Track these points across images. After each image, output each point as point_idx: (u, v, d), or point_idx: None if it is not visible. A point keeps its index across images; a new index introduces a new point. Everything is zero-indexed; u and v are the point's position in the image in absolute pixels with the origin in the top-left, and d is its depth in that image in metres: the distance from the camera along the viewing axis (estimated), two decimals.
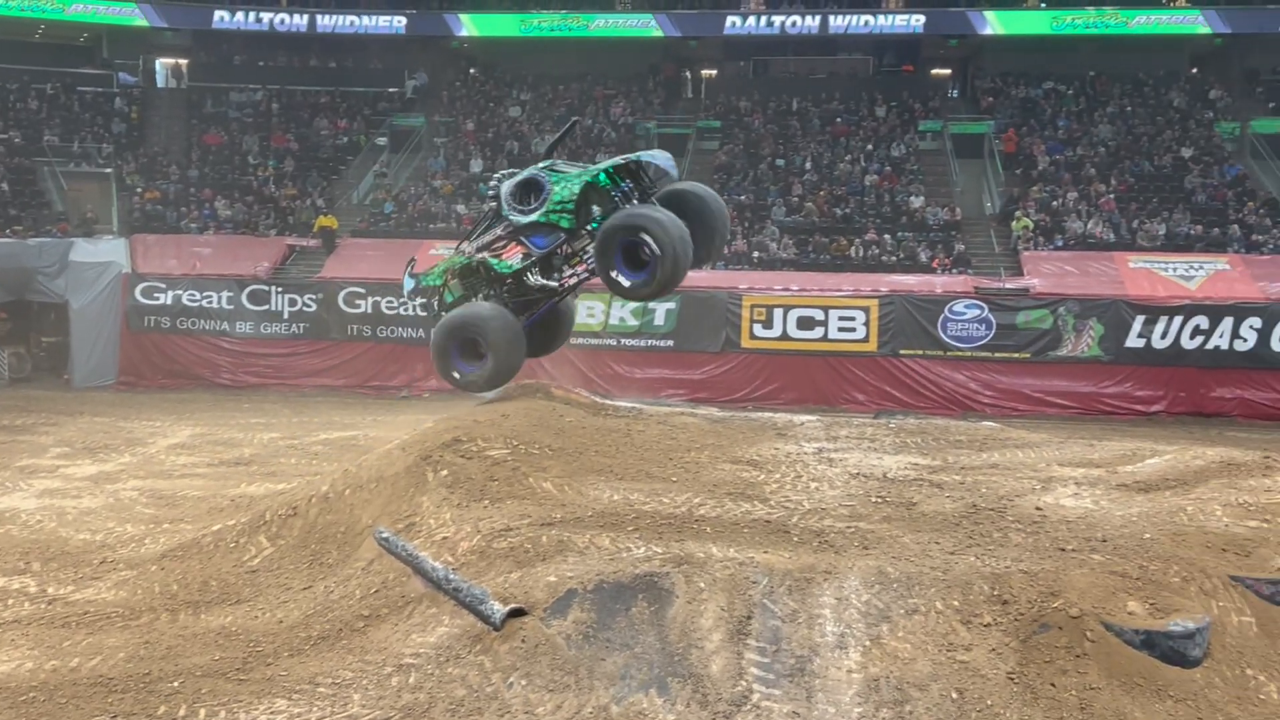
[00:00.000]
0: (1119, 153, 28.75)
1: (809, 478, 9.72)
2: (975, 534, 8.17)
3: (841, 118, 31.89)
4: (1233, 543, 8.13)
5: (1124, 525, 8.29)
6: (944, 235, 26.13)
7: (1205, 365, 21.13)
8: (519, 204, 11.68)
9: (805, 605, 6.90)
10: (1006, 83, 32.43)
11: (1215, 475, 10.00)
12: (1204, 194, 26.86)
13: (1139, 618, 6.85)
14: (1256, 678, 6.98)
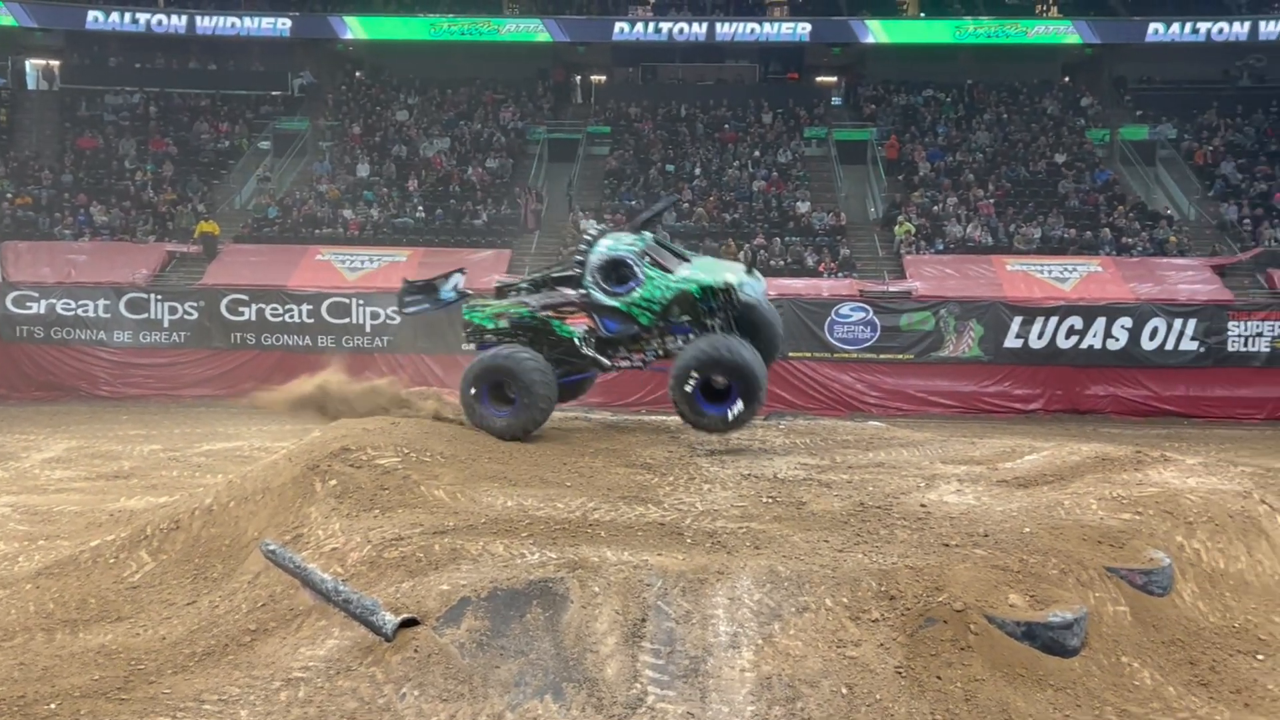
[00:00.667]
0: (996, 159, 29.64)
1: (702, 480, 9.81)
2: (863, 531, 8.34)
3: (729, 124, 32.26)
4: (1107, 535, 8.44)
5: (1004, 520, 8.53)
6: (830, 240, 26.61)
7: (1080, 364, 21.89)
8: (604, 282, 11.61)
9: (699, 606, 6.96)
10: (888, 90, 33.18)
11: (1090, 470, 10.37)
12: (1077, 199, 27.83)
13: (1020, 610, 7.06)
14: (1131, 664, 7.26)
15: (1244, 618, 8.34)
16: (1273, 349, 21.50)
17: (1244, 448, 18.49)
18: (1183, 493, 9.43)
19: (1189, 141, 30.11)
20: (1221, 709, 6.96)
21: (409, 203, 28.82)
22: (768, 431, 13.04)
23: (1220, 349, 21.61)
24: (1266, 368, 21.59)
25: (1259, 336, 21.67)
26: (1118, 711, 6.67)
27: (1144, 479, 9.86)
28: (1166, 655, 7.52)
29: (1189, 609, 8.15)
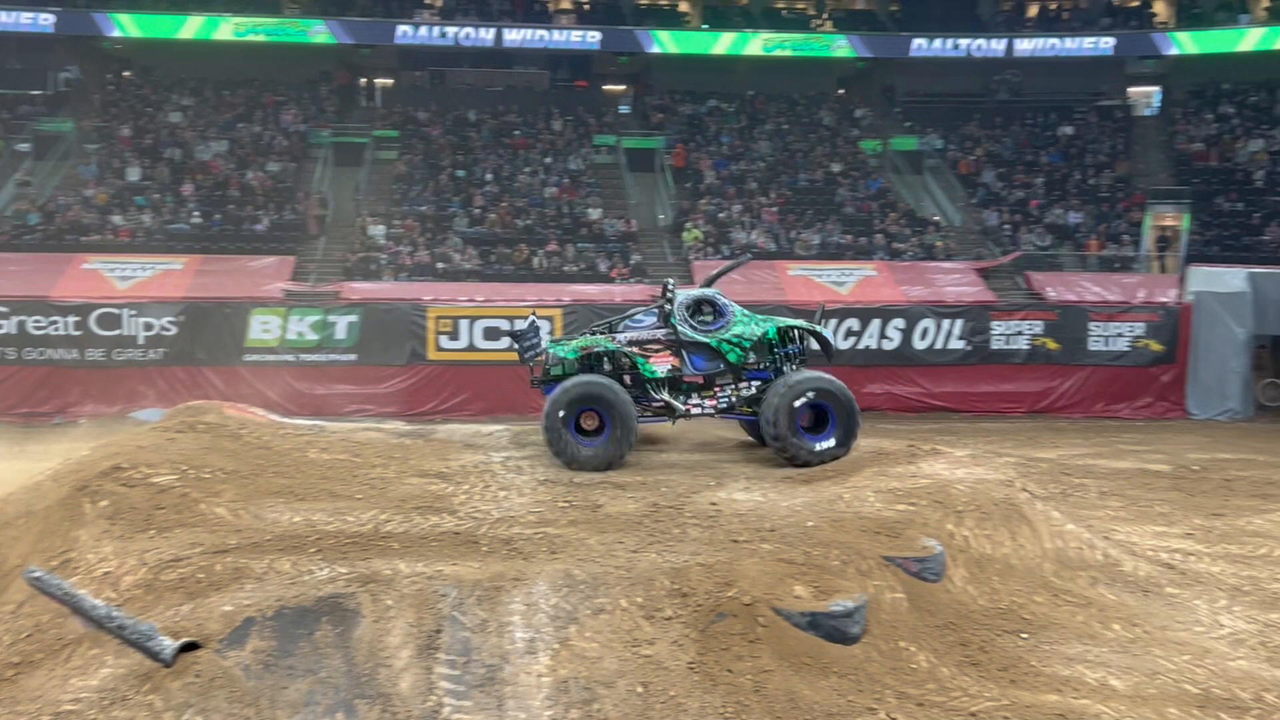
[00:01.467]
0: (777, 168, 30.67)
1: (497, 487, 9.78)
2: (656, 531, 8.49)
3: (519, 130, 32.24)
4: (885, 526, 8.86)
5: (789, 515, 8.86)
6: (621, 246, 26.94)
7: (858, 364, 22.82)
8: (693, 318, 11.79)
9: (495, 614, 6.93)
10: (674, 100, 33.87)
11: (868, 464, 10.86)
12: (852, 206, 29.09)
13: (805, 601, 7.35)
14: (908, 648, 7.65)
15: (1009, 599, 8.91)
16: (1031, 346, 23.01)
17: (1007, 439, 19.72)
18: (952, 483, 9.99)
19: (954, 152, 31.92)
20: (990, 686, 7.41)
21: (184, 208, 27.57)
22: None
23: (985, 347, 22.97)
24: (1026, 364, 23.06)
25: (1019, 335, 23.15)
26: (896, 694, 7.02)
27: (917, 471, 10.39)
28: (940, 638, 7.96)
29: (960, 593, 8.65)
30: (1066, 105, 33.46)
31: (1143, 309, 23.17)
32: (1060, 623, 8.72)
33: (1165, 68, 33.53)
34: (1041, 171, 30.96)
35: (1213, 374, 22.83)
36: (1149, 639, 8.64)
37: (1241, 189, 28.79)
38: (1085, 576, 9.73)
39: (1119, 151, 31.90)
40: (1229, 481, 15.91)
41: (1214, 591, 10.13)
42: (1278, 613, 9.62)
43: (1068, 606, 9.04)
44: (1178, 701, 7.42)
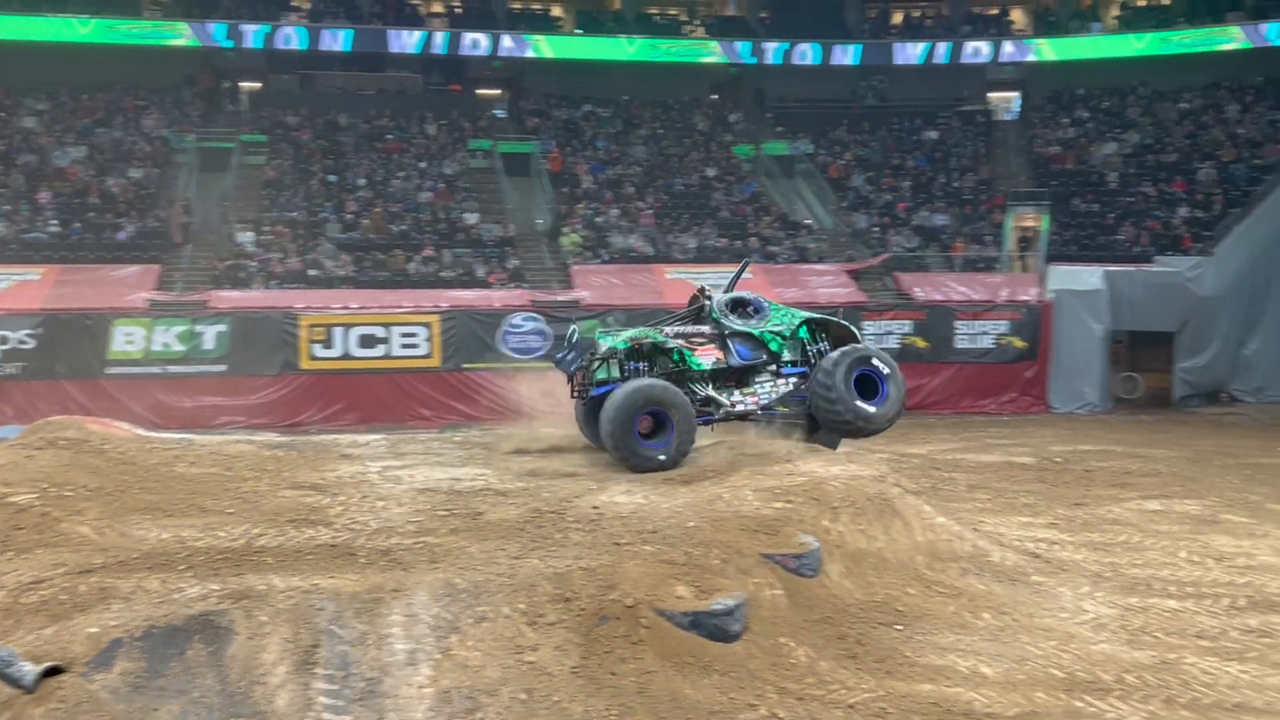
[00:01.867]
0: (653, 172, 30.89)
1: (375, 497, 9.63)
2: (538, 537, 8.46)
3: (393, 134, 31.81)
4: (763, 524, 9.00)
5: (671, 516, 8.92)
6: (499, 251, 26.80)
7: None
8: (734, 314, 12.06)
9: (374, 626, 6.82)
10: (549, 104, 33.84)
11: (746, 464, 11.01)
12: (727, 210, 29.47)
13: (687, 601, 7.41)
14: (788, 644, 7.78)
15: (884, 592, 9.13)
16: (901, 345, 23.63)
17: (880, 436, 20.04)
18: (828, 480, 10.20)
19: (824, 156, 32.59)
20: (867, 678, 7.58)
21: (41, 216, 26.46)
22: (444, 444, 12.99)
23: None
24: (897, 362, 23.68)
25: (889, 334, 23.76)
26: (777, 689, 7.13)
27: (794, 470, 10.56)
28: (819, 633, 8.12)
29: (837, 587, 8.84)
30: (930, 110, 34.45)
31: (1006, 307, 24.01)
32: (933, 613, 8.98)
33: (1024, 74, 34.80)
34: (908, 175, 31.81)
35: (1073, 369, 23.77)
36: (1017, 626, 8.94)
37: (1097, 190, 30.02)
38: (956, 567, 10.03)
39: (981, 155, 32.98)
40: (1089, 472, 16.59)
41: (1077, 578, 10.54)
42: (1136, 597, 10.06)
43: (939, 597, 9.30)
44: (1045, 686, 7.70)
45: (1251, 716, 7.36)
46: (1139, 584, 10.50)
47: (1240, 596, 10.13)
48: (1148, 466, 17.05)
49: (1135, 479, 16.11)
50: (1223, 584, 10.55)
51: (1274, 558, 11.61)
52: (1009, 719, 7.17)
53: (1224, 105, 31.56)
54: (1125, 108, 32.91)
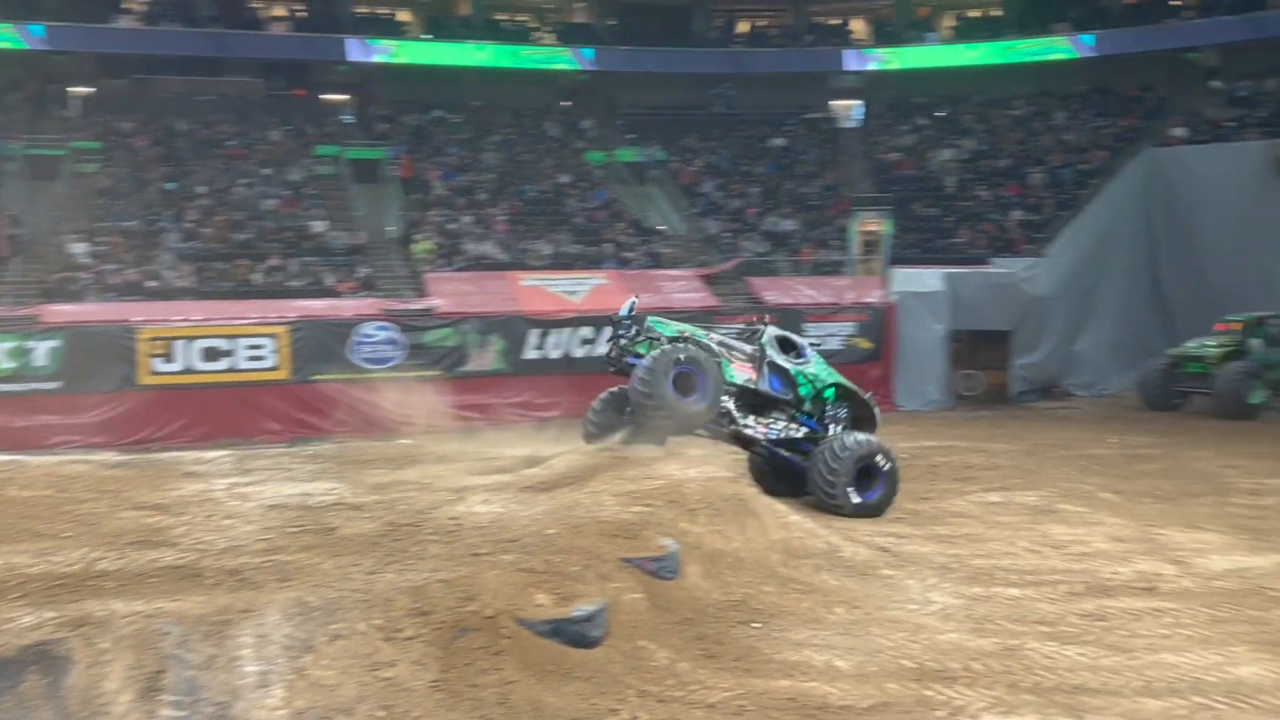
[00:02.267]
0: (506, 179, 30.74)
1: (222, 516, 9.34)
2: (395, 551, 8.32)
3: (234, 140, 30.87)
4: (622, 528, 9.05)
5: (530, 524, 8.89)
6: (348, 259, 26.27)
7: (593, 371, 23.18)
8: (779, 348, 13.34)
9: (223, 649, 6.59)
10: (399, 110, 33.35)
11: (605, 469, 11.06)
12: (581, 216, 29.54)
13: (547, 608, 7.39)
14: (648, 646, 7.83)
15: (741, 591, 9.29)
16: None
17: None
18: (685, 482, 10.32)
19: (675, 163, 32.94)
20: (726, 677, 7.69)
21: None
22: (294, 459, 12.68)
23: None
24: None
25: None
26: (638, 693, 7.17)
27: (652, 473, 10.66)
28: (678, 634, 8.20)
29: (695, 588, 8.94)
30: (777, 118, 35.18)
31: (852, 309, 24.68)
32: (788, 610, 9.16)
33: (865, 82, 35.82)
34: (757, 181, 32.40)
35: (917, 368, 24.57)
36: (869, 619, 9.20)
37: (935, 195, 31.11)
38: (810, 564, 10.26)
39: (826, 162, 33.81)
40: (934, 467, 17.16)
41: (924, 571, 10.90)
42: (980, 586, 10.45)
43: (795, 594, 9.51)
44: (896, 677, 7.93)
45: (1089, 697, 7.72)
46: (982, 574, 10.91)
47: (1077, 583, 10.62)
48: (989, 460, 17.73)
49: (977, 473, 16.73)
50: (1060, 571, 11.05)
51: (1107, 544, 12.22)
52: (863, 711, 7.36)
53: (1052, 113, 33.09)
54: (960, 115, 34.18)
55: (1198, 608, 9.82)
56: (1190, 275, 27.18)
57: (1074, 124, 32.29)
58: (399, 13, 35.48)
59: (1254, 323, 23.27)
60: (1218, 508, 14.22)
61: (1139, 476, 16.43)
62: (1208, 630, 9.22)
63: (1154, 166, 27.92)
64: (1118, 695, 7.74)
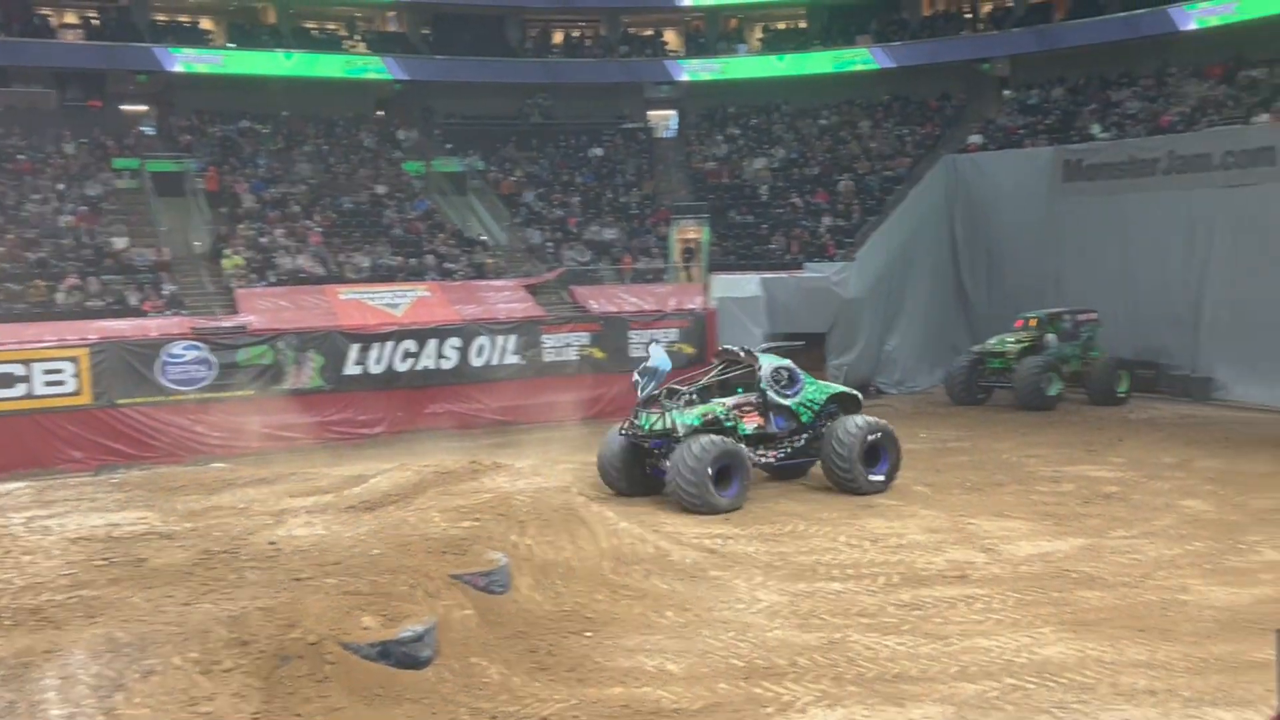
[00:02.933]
0: (320, 190, 29.95)
1: (20, 552, 8.79)
2: (210, 580, 8.00)
3: (25, 154, 29.12)
4: (451, 544, 8.93)
5: (354, 545, 8.68)
6: (153, 276, 25.11)
7: (418, 385, 22.86)
8: (777, 385, 15.39)
9: (24, 693, 6.21)
10: (203, 120, 32.11)
11: (432, 485, 10.91)
12: (400, 227, 29.03)
13: (374, 631, 7.22)
14: (480, 663, 7.74)
15: (573, 601, 9.30)
16: (580, 357, 24.16)
17: (565, 447, 20.52)
18: (514, 495, 10.27)
19: (495, 173, 32.75)
20: (560, 688, 7.68)
21: None
22: (98, 488, 12.06)
23: (538, 360, 23.82)
24: (577, 374, 24.19)
25: (568, 346, 24.24)
26: (470, 711, 7.08)
27: (480, 487, 10.57)
28: (511, 648, 8.14)
29: (527, 601, 8.91)
30: (595, 128, 35.41)
31: (675, 316, 25.05)
32: (620, 617, 9.22)
33: (679, 93, 36.41)
34: (577, 191, 32.53)
35: None
36: (699, 621, 9.34)
37: (750, 203, 31.84)
38: (640, 570, 10.35)
39: (644, 171, 34.21)
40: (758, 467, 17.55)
41: (751, 570, 11.14)
42: (804, 582, 10.75)
43: (626, 600, 9.57)
44: (727, 676, 8.07)
45: (909, 684, 8.02)
46: (806, 570, 11.23)
47: (894, 574, 11.05)
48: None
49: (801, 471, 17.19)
50: (879, 563, 11.47)
51: (921, 535, 12.75)
52: (695, 712, 7.46)
53: (858, 121, 34.32)
54: (771, 125, 35.12)
55: (1006, 592, 10.34)
56: (989, 275, 28.69)
57: (878, 132, 33.58)
58: (202, 20, 34.16)
59: (1049, 319, 24.69)
60: (1022, 496, 15.01)
61: (949, 469, 17.19)
62: (1016, 614, 9.72)
63: (953, 172, 29.30)
64: (935, 681, 8.07)
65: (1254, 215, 23.07)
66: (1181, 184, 24.66)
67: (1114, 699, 7.82)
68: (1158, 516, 13.60)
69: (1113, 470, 16.69)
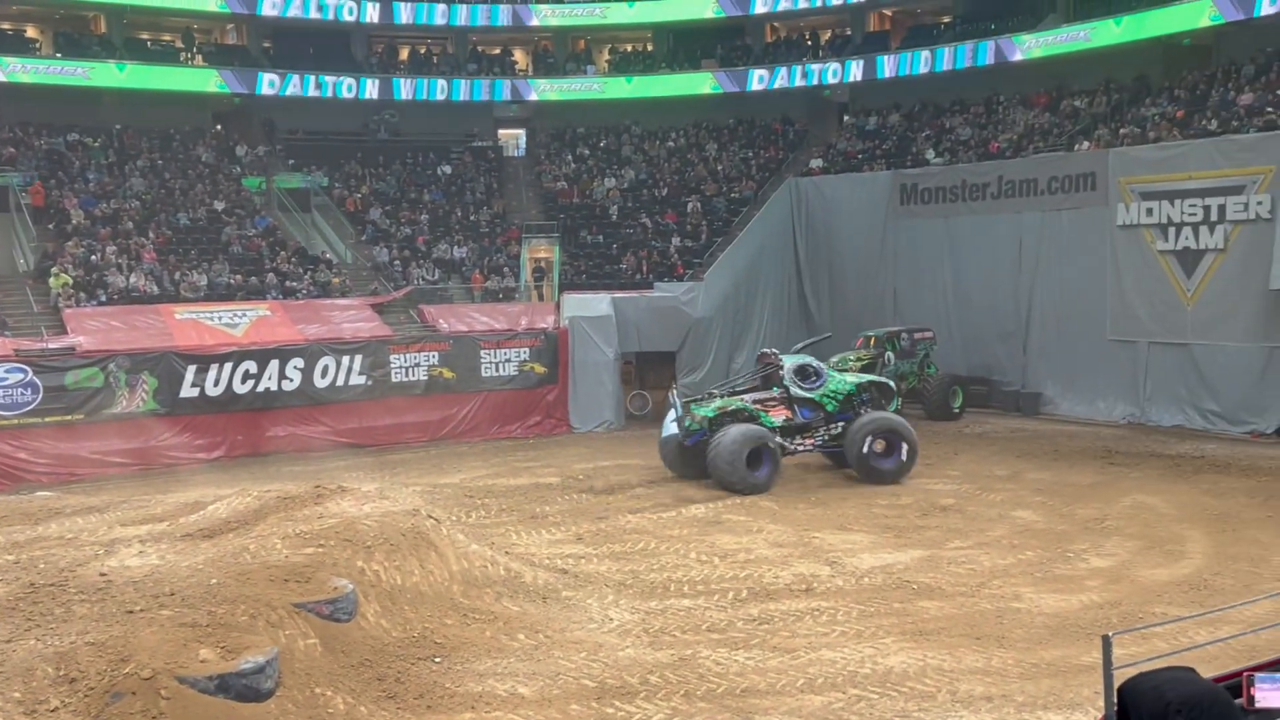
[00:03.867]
0: (155, 206, 28.85)
1: None
2: (35, 615, 7.60)
3: None
4: (294, 572, 8.68)
5: (191, 575, 8.36)
6: None
7: (259, 407, 22.17)
8: (800, 380, 17.71)
9: None
10: (28, 132, 30.58)
11: (273, 511, 10.58)
12: (240, 245, 28.17)
13: (212, 663, 6.96)
14: (325, 693, 7.54)
15: (422, 626, 9.13)
16: (429, 377, 23.83)
17: (413, 469, 20.23)
18: (360, 520, 10.04)
19: (340, 190, 32.09)
20: (408, 716, 7.54)
21: None
22: None
23: (385, 380, 23.39)
24: (426, 394, 23.84)
25: (417, 366, 23.88)
26: None
27: (324, 512, 10.31)
28: (357, 677, 7.95)
29: (374, 628, 8.71)
30: (443, 145, 35.07)
31: (526, 335, 24.97)
32: (471, 641, 9.11)
33: (528, 112, 36.39)
34: (425, 209, 32.14)
35: (589, 390, 25.17)
36: (550, 643, 9.30)
37: (600, 223, 32.00)
38: (491, 592, 10.25)
39: (494, 189, 34.04)
40: (610, 487, 17.63)
41: (603, 589, 11.16)
42: (656, 600, 10.82)
43: (477, 624, 9.46)
44: (578, 697, 8.05)
45: (757, 698, 8.15)
46: (657, 587, 11.31)
47: (743, 589, 11.22)
48: (658, 476, 18.41)
49: (649, 489, 17.34)
50: (728, 579, 11.63)
51: (769, 550, 12.98)
52: None
53: (704, 144, 34.89)
54: (620, 146, 35.40)
55: (851, 604, 10.62)
56: (831, 294, 29.55)
57: (724, 155, 34.20)
58: (28, 28, 32.55)
59: (887, 337, 25.52)
60: (864, 509, 15.45)
61: (793, 483, 17.57)
62: (860, 625, 9.99)
63: (796, 195, 30.08)
64: (783, 694, 8.22)
65: (1077, 237, 24.37)
66: (1011, 207, 25.89)
67: (953, 706, 8.09)
68: (992, 527, 14.17)
69: (949, 483, 17.33)
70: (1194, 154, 22.59)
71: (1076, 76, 28.87)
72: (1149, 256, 23.19)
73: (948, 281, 27.17)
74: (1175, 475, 17.59)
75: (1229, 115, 23.91)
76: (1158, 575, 11.83)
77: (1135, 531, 13.80)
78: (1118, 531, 13.82)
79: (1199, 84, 26.13)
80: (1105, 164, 24.09)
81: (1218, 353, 21.84)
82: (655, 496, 16.58)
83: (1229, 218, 21.89)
